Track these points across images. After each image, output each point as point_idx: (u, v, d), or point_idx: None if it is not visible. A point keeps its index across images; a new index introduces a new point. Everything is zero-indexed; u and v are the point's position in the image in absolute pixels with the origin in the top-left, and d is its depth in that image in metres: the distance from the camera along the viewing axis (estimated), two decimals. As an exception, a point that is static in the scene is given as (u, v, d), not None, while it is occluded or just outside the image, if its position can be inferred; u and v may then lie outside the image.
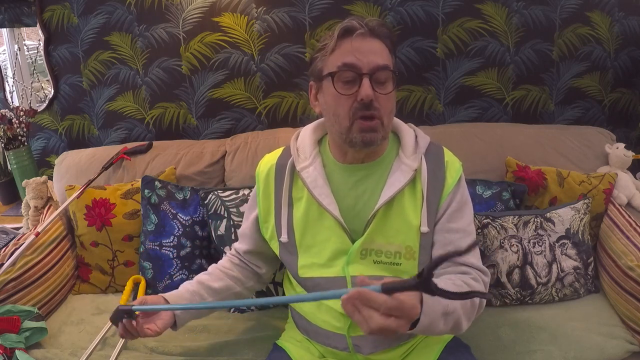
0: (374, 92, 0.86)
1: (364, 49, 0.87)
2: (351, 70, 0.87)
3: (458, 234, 0.95)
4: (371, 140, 0.89)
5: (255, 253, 1.12)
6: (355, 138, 0.89)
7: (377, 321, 0.64)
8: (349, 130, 0.89)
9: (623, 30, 1.71)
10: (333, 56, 0.90)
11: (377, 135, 0.89)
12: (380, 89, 0.88)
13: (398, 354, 0.99)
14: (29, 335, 1.20)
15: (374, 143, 0.90)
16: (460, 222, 0.96)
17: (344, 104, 0.88)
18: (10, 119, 1.79)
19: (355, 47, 0.87)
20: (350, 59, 0.87)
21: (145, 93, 1.87)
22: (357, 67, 0.87)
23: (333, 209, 0.94)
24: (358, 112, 0.88)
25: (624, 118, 1.82)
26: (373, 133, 0.89)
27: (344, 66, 0.87)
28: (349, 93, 0.88)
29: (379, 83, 0.88)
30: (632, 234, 1.29)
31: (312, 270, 0.98)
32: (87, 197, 1.52)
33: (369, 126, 0.88)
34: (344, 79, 0.88)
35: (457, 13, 1.71)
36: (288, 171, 0.99)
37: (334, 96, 0.90)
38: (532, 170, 1.46)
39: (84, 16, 1.80)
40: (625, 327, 1.22)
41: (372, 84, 0.87)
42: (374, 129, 0.89)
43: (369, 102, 0.86)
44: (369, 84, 0.86)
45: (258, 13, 1.74)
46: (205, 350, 1.20)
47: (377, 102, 0.87)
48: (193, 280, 1.07)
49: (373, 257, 0.94)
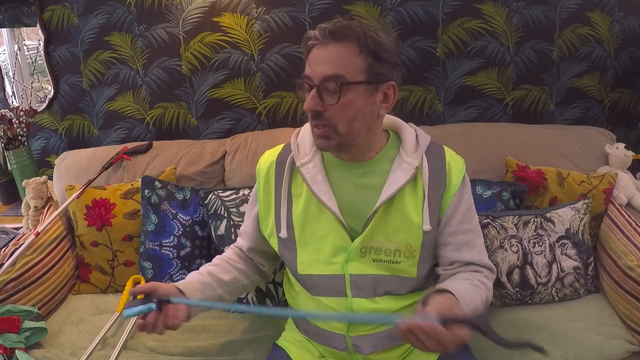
0: (322, 103, 0.87)
1: (318, 59, 0.88)
2: (306, 82, 0.89)
3: (472, 234, 0.99)
4: (323, 146, 0.92)
5: (258, 250, 1.12)
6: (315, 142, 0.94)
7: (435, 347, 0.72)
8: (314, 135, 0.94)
9: (623, 30, 1.71)
10: (306, 65, 0.92)
11: (330, 142, 0.90)
12: (329, 99, 0.87)
13: (398, 354, 0.99)
14: (29, 335, 1.20)
15: (328, 149, 0.93)
16: (472, 221, 0.99)
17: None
18: (10, 119, 1.79)
19: (313, 57, 0.89)
20: (307, 70, 0.90)
21: (145, 93, 1.87)
22: (310, 77, 0.88)
23: (332, 204, 0.94)
24: (312, 121, 0.91)
25: (624, 118, 1.82)
26: (325, 140, 0.91)
27: (303, 77, 0.90)
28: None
29: (330, 92, 0.87)
30: (632, 234, 1.29)
31: (311, 267, 0.98)
32: (87, 197, 1.52)
33: (319, 134, 0.91)
34: (304, 89, 0.91)
35: (457, 13, 1.71)
36: (288, 167, 1.00)
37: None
38: (532, 170, 1.46)
39: (84, 16, 1.80)
40: (625, 327, 1.22)
41: (323, 94, 0.87)
42: (325, 136, 0.90)
43: (313, 113, 0.89)
44: (314, 95, 0.87)
45: (258, 13, 1.74)
46: (205, 350, 1.20)
47: (327, 112, 0.88)
48: (202, 271, 1.05)
49: (372, 255, 0.95)
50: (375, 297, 0.95)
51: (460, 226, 0.97)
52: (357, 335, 0.96)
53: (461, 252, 0.97)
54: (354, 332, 0.96)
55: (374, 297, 0.95)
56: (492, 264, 1.00)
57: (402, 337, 0.74)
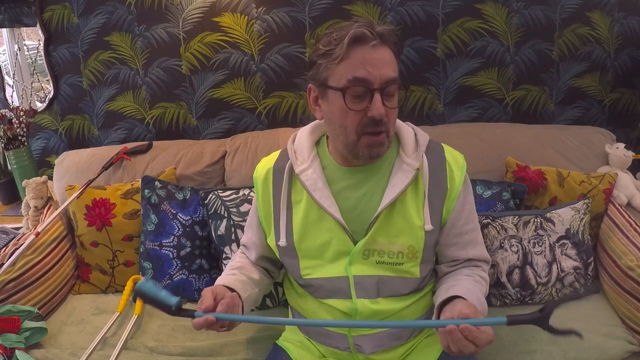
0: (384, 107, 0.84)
1: (375, 61, 0.83)
2: (362, 86, 0.83)
3: (475, 232, 1.01)
4: (378, 154, 0.90)
5: (268, 259, 1.11)
6: (362, 152, 0.88)
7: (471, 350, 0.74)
8: (355, 144, 0.88)
9: (623, 30, 1.71)
10: (342, 66, 0.85)
11: (383, 149, 0.90)
12: (390, 103, 0.86)
13: (399, 353, 0.99)
14: (29, 335, 1.20)
15: (380, 156, 0.91)
16: (475, 220, 1.01)
17: (352, 118, 0.86)
18: (10, 119, 1.79)
19: (367, 58, 0.83)
20: (361, 72, 0.83)
21: (145, 93, 1.87)
22: (369, 81, 0.83)
23: (334, 211, 0.93)
24: (367, 127, 0.86)
25: (624, 118, 1.82)
26: (380, 147, 0.89)
27: (355, 81, 0.83)
28: (358, 109, 0.85)
29: (389, 96, 0.86)
30: (632, 234, 1.29)
31: (314, 272, 0.98)
32: (87, 197, 1.52)
33: (377, 141, 0.87)
34: (354, 93, 0.84)
35: (457, 13, 1.71)
36: (286, 174, 0.98)
37: (342, 110, 0.86)
38: (532, 170, 1.46)
39: (84, 16, 1.80)
40: (625, 327, 1.22)
41: (383, 99, 0.84)
42: (382, 143, 0.88)
43: (380, 119, 0.84)
44: (380, 100, 0.83)
45: (258, 13, 1.74)
46: (205, 350, 1.20)
47: (386, 117, 0.85)
48: (234, 270, 1.03)
49: (376, 258, 0.94)
50: (378, 298, 0.95)
51: (465, 226, 0.98)
52: (359, 335, 0.96)
53: (466, 250, 0.99)
54: (355, 331, 0.96)
55: (377, 298, 0.95)
56: (489, 256, 1.03)
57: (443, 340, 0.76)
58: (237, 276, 1.01)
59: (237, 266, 1.06)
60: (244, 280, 1.00)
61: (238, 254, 1.15)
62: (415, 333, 1.01)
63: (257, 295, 1.04)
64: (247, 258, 1.11)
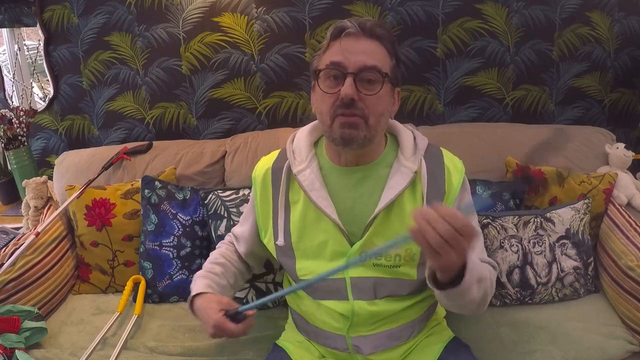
0: (358, 92, 0.85)
1: (353, 49, 0.87)
2: (336, 69, 0.87)
3: None
4: (350, 136, 0.87)
5: (255, 255, 1.14)
6: (335, 134, 0.89)
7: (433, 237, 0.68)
8: (330, 127, 0.89)
9: (623, 30, 1.71)
10: (325, 55, 0.90)
11: (358, 133, 0.87)
12: (366, 89, 0.87)
13: (398, 354, 0.99)
14: (29, 335, 1.20)
15: (353, 140, 0.88)
16: (472, 222, 0.98)
17: (327, 101, 0.88)
18: (10, 119, 1.79)
19: (345, 46, 0.87)
20: (337, 57, 0.87)
21: (145, 93, 1.87)
22: (343, 65, 0.86)
23: (330, 211, 0.93)
24: (338, 109, 0.87)
25: (624, 118, 1.82)
26: (352, 129, 0.87)
27: (331, 64, 0.87)
28: (332, 91, 0.88)
29: (365, 82, 0.87)
30: (632, 234, 1.29)
31: (310, 272, 0.98)
32: (87, 197, 1.52)
33: (348, 121, 0.87)
34: (329, 76, 0.88)
35: (457, 13, 1.71)
36: (284, 174, 0.99)
37: (320, 94, 0.90)
38: (532, 171, 1.46)
39: (84, 16, 1.80)
40: (625, 327, 1.22)
41: (357, 84, 0.86)
42: (354, 125, 0.87)
43: (348, 101, 0.85)
44: (351, 82, 0.85)
45: (258, 13, 1.74)
46: (205, 350, 1.20)
47: (361, 102, 0.86)
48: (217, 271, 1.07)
49: (373, 260, 0.94)
50: (375, 300, 0.95)
51: None
52: (358, 336, 0.96)
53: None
54: (354, 332, 0.96)
55: (374, 300, 0.95)
56: (493, 261, 0.99)
57: (414, 238, 0.70)
58: (220, 281, 1.06)
59: (219, 268, 1.08)
60: (224, 285, 1.06)
61: (225, 243, 1.17)
62: (415, 333, 1.01)
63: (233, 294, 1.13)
64: (234, 251, 1.14)
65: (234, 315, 0.92)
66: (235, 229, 1.16)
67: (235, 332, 0.91)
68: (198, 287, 1.00)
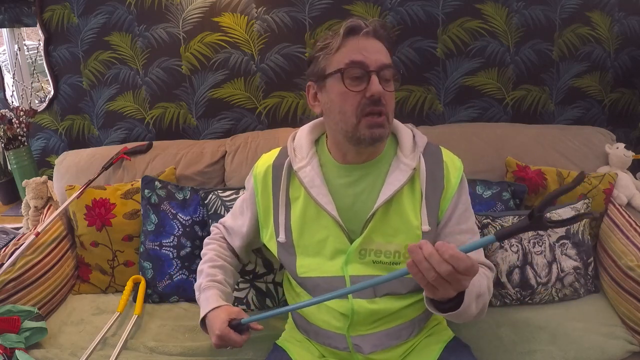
0: (384, 90, 0.88)
1: (369, 47, 0.89)
2: (359, 68, 0.88)
3: (468, 235, 0.98)
4: (380, 135, 0.90)
5: (247, 250, 1.15)
6: (363, 135, 0.89)
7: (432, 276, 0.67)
8: (355, 127, 0.90)
9: (623, 30, 1.71)
10: (339, 54, 0.90)
11: (385, 131, 0.91)
12: (387, 86, 0.90)
13: (398, 353, 0.99)
14: (29, 335, 1.20)
15: (381, 139, 0.91)
16: (468, 222, 0.99)
17: (351, 100, 0.89)
18: (10, 119, 1.79)
19: (362, 45, 0.89)
20: (358, 56, 0.88)
21: (145, 93, 1.87)
22: (365, 64, 0.88)
23: (331, 208, 0.94)
24: (367, 108, 0.88)
25: (624, 118, 1.82)
26: (381, 129, 0.90)
27: (352, 63, 0.88)
28: (357, 90, 0.88)
29: (385, 81, 0.90)
30: (632, 234, 1.29)
31: (311, 270, 0.98)
32: (87, 197, 1.52)
33: (377, 122, 0.89)
34: (352, 75, 0.88)
35: (457, 13, 1.71)
36: (285, 171, 0.99)
37: (341, 93, 0.90)
38: (532, 170, 1.46)
39: (84, 16, 1.80)
40: (625, 327, 1.22)
41: (379, 82, 0.88)
42: (382, 124, 0.90)
43: (378, 98, 0.87)
44: (377, 80, 0.87)
45: (258, 13, 1.74)
46: (205, 350, 1.20)
47: (384, 99, 0.88)
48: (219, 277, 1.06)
49: (372, 257, 0.95)
50: (375, 298, 0.95)
51: (457, 227, 0.97)
52: (358, 335, 0.96)
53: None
54: (354, 331, 0.96)
55: (374, 298, 0.95)
56: (491, 263, 1.00)
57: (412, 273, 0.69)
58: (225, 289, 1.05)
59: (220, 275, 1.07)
60: (228, 292, 1.06)
61: (216, 240, 1.16)
62: (415, 332, 1.01)
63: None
64: (227, 247, 1.15)
65: (236, 326, 0.94)
66: (227, 221, 1.16)
67: (238, 342, 0.93)
68: (211, 302, 0.99)
